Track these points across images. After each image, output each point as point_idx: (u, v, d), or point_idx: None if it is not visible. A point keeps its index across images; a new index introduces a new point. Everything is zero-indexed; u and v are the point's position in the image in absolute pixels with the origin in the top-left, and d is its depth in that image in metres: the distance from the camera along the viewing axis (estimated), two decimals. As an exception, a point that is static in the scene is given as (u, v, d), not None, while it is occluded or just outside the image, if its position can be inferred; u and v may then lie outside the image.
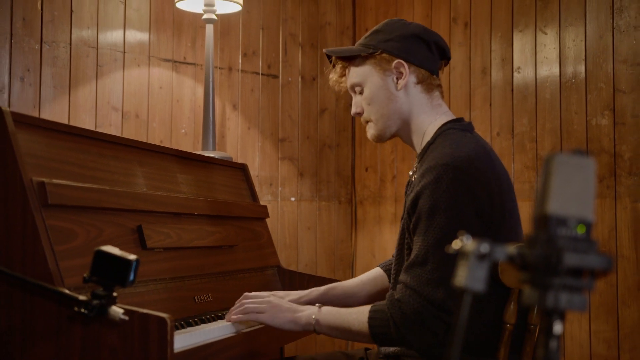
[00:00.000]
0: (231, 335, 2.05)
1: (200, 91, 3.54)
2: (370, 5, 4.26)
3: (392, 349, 2.06)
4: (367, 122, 2.15)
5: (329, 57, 2.22)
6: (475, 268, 0.89)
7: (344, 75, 2.18)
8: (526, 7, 3.54)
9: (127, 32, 3.32)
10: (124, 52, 3.30)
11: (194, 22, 3.55)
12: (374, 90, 2.09)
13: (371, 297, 2.39)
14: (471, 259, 0.89)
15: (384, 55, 2.06)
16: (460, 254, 0.90)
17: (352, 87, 2.15)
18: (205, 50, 3.29)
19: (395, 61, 2.05)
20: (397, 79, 2.07)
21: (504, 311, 1.88)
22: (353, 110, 2.17)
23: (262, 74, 3.90)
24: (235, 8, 3.35)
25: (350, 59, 2.14)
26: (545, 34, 3.47)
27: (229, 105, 3.75)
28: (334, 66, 2.21)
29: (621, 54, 3.20)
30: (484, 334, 1.92)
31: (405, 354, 2.02)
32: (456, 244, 0.91)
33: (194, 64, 3.58)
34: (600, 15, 3.28)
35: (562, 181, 0.89)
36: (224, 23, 3.71)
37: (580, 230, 0.89)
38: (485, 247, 0.89)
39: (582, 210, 0.90)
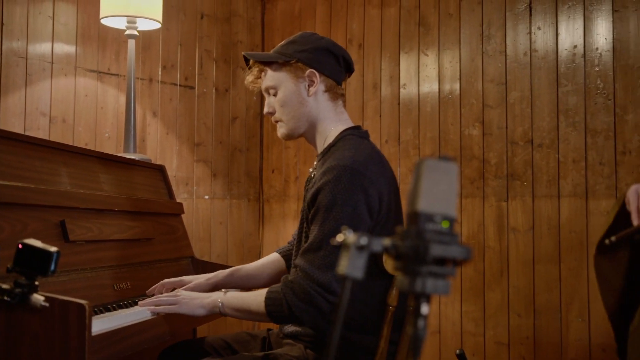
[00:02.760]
0: (147, 318, 2.01)
1: (123, 99, 3.45)
2: (277, 26, 4.25)
3: (291, 329, 2.06)
4: (277, 121, 2.14)
5: (246, 60, 2.19)
6: (355, 258, 0.90)
7: (259, 77, 2.16)
8: (411, 32, 3.60)
9: (55, 45, 3.21)
10: (52, 63, 3.19)
11: (118, 36, 3.47)
12: (287, 94, 2.08)
13: (270, 278, 2.40)
14: (352, 249, 0.90)
15: (299, 64, 2.06)
16: (343, 245, 0.91)
17: (267, 89, 2.13)
18: (128, 63, 3.21)
19: (308, 70, 2.05)
20: (309, 86, 2.07)
21: (387, 295, 1.91)
22: (266, 110, 2.15)
23: (179, 85, 3.84)
24: (156, 25, 3.29)
25: (268, 64, 2.12)
26: (427, 55, 3.53)
27: (149, 113, 3.67)
28: (250, 68, 2.18)
29: (489, 75, 3.29)
30: (371, 314, 1.94)
31: (303, 334, 2.03)
32: (340, 237, 0.92)
33: (117, 74, 3.50)
34: (472, 41, 3.36)
35: (430, 182, 0.91)
36: (145, 38, 3.64)
37: (445, 225, 0.90)
38: (364, 240, 0.90)
39: (447, 207, 0.91)
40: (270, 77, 2.10)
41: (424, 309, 0.89)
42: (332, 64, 2.09)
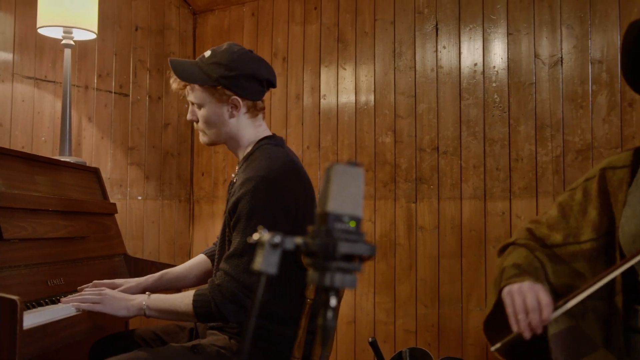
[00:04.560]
0: (78, 313, 1.95)
1: (59, 105, 3.34)
2: (208, 39, 4.21)
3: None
4: (199, 129, 2.10)
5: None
6: (269, 255, 0.89)
7: (183, 88, 2.07)
8: (330, 48, 3.62)
9: (-7, 52, 3.08)
10: (-11, 69, 3.07)
11: (55, 46, 3.35)
12: (210, 114, 2.02)
13: (198, 278, 2.36)
14: (266, 247, 0.89)
15: (224, 90, 1.99)
16: (258, 243, 0.91)
17: (191, 102, 2.07)
18: (64, 71, 3.11)
19: (233, 97, 2.00)
20: (232, 110, 2.02)
21: (305, 289, 1.91)
22: (189, 117, 2.08)
23: (114, 93, 3.75)
24: (91, 36, 3.20)
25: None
26: (345, 69, 3.56)
27: (85, 118, 3.57)
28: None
29: (400, 88, 3.34)
30: (290, 307, 1.94)
31: (227, 325, 2.01)
32: (255, 236, 0.91)
33: (54, 81, 3.38)
34: (385, 57, 3.41)
35: (339, 186, 0.91)
36: (82, 48, 3.53)
37: (352, 225, 0.91)
38: (277, 238, 0.90)
39: (354, 209, 0.91)
40: (195, 95, 2.03)
41: (333, 301, 0.89)
42: (256, 87, 2.03)
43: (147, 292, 2.04)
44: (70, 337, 1.86)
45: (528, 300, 1.44)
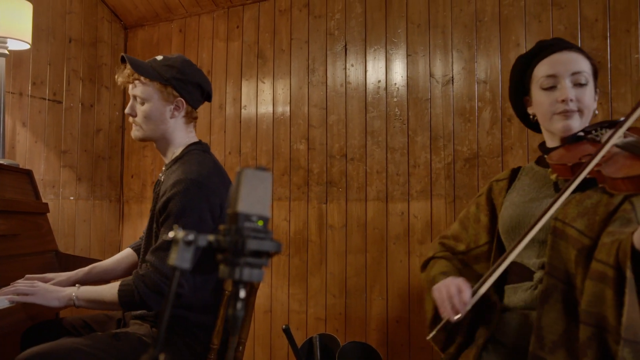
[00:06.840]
0: (6, 306, 1.87)
1: (-7, 110, 3.20)
2: (138, 52, 4.12)
3: (138, 311, 2.01)
4: (135, 124, 2.05)
5: (123, 60, 2.03)
6: (184, 251, 0.89)
7: (130, 82, 2.01)
8: (251, 63, 3.62)
9: None
10: None
11: (-11, 54, 3.21)
12: (153, 110, 2.00)
13: (125, 270, 2.32)
14: (180, 244, 0.89)
15: (173, 90, 1.99)
16: (173, 240, 0.91)
17: (135, 96, 2.02)
18: (-2, 78, 2.98)
19: (179, 98, 2.00)
20: (174, 110, 2.01)
21: (224, 281, 1.91)
22: (128, 110, 2.03)
23: (48, 100, 3.62)
24: (25, 46, 3.08)
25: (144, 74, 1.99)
26: (264, 83, 3.56)
27: (19, 123, 3.43)
28: (124, 64, 2.03)
29: (313, 100, 3.38)
30: (210, 298, 1.93)
31: (149, 315, 1.98)
32: (171, 234, 0.91)
33: (-12, 88, 3.23)
34: (300, 73, 3.43)
35: (248, 188, 0.92)
36: (17, 57, 3.39)
37: (260, 224, 0.92)
38: (191, 236, 0.90)
39: (262, 209, 0.93)
40: (142, 89, 1.99)
41: (242, 293, 0.90)
42: (198, 96, 2.06)
43: (76, 285, 1.99)
44: (2, 328, 1.79)
45: (450, 289, 1.54)
